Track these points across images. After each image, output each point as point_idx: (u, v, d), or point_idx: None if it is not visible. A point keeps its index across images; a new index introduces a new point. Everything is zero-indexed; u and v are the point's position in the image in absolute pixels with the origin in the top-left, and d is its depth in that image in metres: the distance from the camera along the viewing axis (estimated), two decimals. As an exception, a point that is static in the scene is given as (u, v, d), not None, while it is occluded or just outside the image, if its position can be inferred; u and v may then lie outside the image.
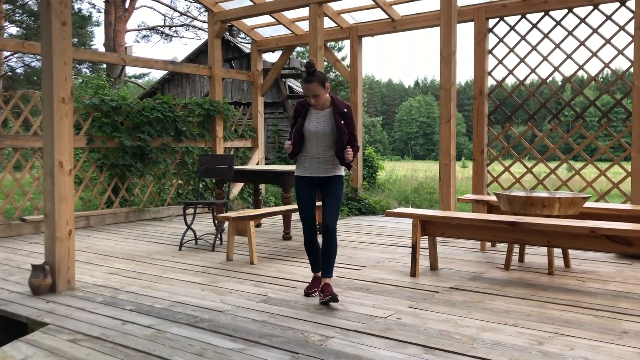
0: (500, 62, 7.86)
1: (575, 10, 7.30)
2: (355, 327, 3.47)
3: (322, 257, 4.10)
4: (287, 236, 6.71)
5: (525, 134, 8.15)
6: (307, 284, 4.38)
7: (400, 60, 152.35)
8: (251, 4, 9.00)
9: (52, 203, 4.33)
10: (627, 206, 5.59)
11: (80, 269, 5.18)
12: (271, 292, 4.35)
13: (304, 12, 8.74)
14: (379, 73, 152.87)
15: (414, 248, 4.80)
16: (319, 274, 4.23)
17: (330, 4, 8.85)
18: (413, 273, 4.80)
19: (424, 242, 5.48)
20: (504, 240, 4.63)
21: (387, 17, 8.83)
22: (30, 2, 23.35)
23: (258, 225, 7.80)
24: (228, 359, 2.99)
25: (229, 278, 4.83)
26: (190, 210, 7.86)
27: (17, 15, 24.37)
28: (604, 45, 7.13)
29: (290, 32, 10.00)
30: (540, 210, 4.77)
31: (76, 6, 25.64)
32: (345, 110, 4.05)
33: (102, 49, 22.87)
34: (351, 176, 9.62)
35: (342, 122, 4.03)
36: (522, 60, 7.72)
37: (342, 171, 4.21)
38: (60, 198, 4.34)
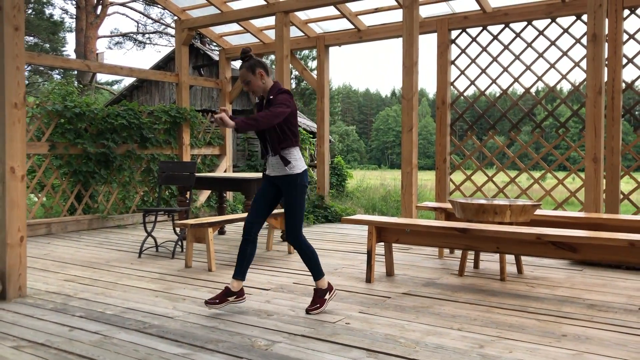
0: (462, 72, 8.02)
1: (535, 22, 7.49)
2: (303, 332, 3.50)
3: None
4: (249, 243, 6.70)
5: (487, 143, 8.30)
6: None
7: (376, 71, 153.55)
8: (218, 12, 9.04)
9: (3, 209, 4.29)
10: (578, 214, 5.73)
11: (35, 276, 5.13)
12: (225, 298, 4.35)
13: (271, 20, 8.80)
14: (356, 82, 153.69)
15: (369, 254, 4.86)
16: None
17: (297, 14, 8.94)
18: (368, 279, 4.86)
19: (381, 249, 5.55)
20: (456, 247, 4.72)
21: (353, 27, 8.95)
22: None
23: (222, 233, 7.80)
24: (171, 364, 3.00)
25: (184, 285, 4.82)
26: (152, 218, 7.82)
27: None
28: (561, 57, 7.32)
29: (258, 40, 10.05)
30: (492, 217, 4.87)
31: (47, 12, 25.38)
32: (272, 96, 3.74)
33: (73, 55, 22.61)
34: (318, 184, 9.67)
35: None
36: (483, 71, 7.89)
37: (293, 170, 3.84)
38: (11, 204, 4.30)
